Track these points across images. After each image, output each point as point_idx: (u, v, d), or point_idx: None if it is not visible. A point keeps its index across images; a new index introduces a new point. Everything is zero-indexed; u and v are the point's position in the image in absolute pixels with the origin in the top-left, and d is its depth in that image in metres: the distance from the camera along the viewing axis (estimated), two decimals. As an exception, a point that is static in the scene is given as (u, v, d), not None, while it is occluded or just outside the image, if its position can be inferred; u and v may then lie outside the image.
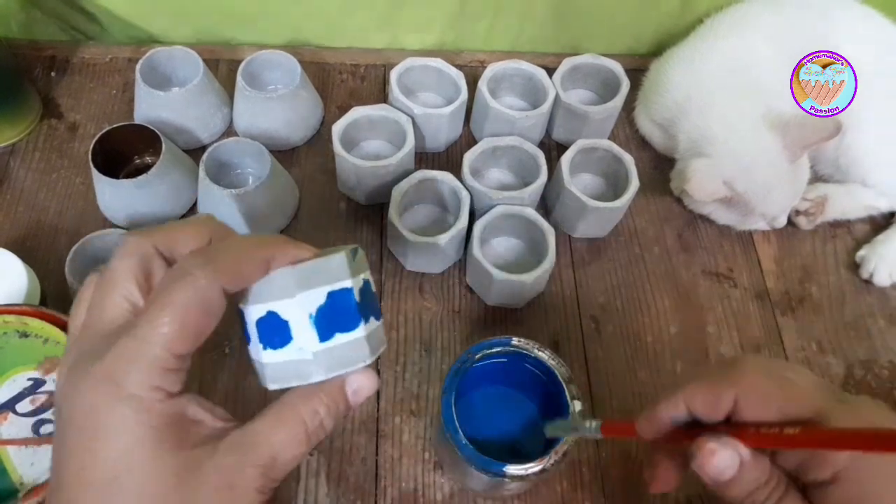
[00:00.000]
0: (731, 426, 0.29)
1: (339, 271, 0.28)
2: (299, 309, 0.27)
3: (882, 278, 0.61)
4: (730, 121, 0.59)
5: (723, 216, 0.62)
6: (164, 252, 0.27)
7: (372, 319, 0.29)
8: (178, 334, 0.24)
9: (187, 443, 0.25)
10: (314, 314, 0.27)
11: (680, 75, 0.63)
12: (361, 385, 0.28)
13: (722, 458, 0.28)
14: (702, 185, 0.57)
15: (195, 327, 0.25)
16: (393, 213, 0.56)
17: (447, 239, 0.55)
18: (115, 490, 0.24)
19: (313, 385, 0.28)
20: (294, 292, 0.27)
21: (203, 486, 0.25)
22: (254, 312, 0.27)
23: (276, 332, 0.27)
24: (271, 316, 0.27)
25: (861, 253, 0.63)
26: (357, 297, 0.28)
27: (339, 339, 0.28)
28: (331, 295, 0.27)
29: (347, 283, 0.28)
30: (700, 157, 0.59)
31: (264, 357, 0.28)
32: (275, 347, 0.27)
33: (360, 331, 0.28)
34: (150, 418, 0.24)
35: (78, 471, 0.24)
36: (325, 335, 0.27)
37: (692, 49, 0.65)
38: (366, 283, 0.29)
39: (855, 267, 0.63)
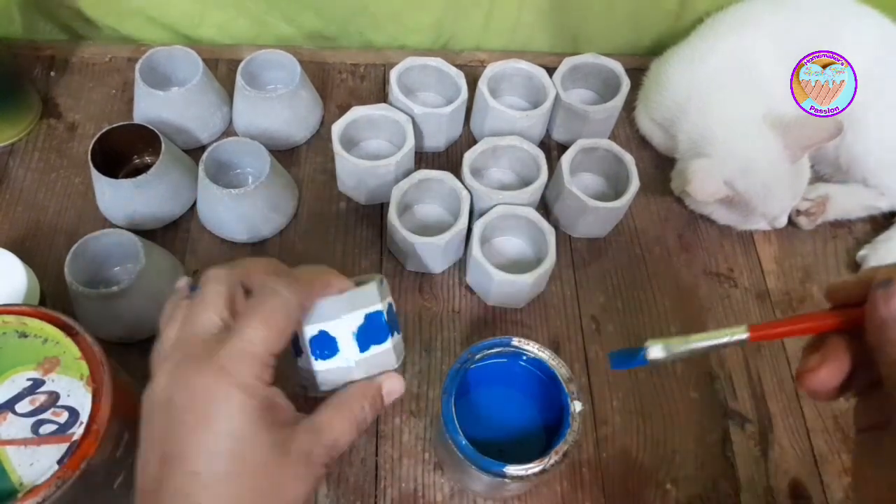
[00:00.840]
0: None
1: (372, 298, 0.36)
2: (345, 328, 0.36)
3: None
4: (730, 121, 0.59)
5: (723, 216, 0.62)
6: (242, 282, 0.35)
7: (395, 334, 0.37)
8: (274, 337, 0.32)
9: (277, 423, 0.32)
10: (355, 331, 0.36)
11: (679, 75, 0.63)
12: (393, 388, 0.37)
13: None
14: (702, 185, 0.57)
15: (284, 331, 0.33)
16: (393, 213, 0.56)
17: (447, 239, 0.55)
18: (230, 458, 0.30)
19: (357, 387, 0.36)
20: (341, 314, 0.35)
21: (290, 457, 0.31)
22: (308, 332, 0.36)
23: (326, 346, 0.36)
24: (323, 334, 0.36)
25: (862, 253, 0.62)
26: (385, 317, 0.36)
27: (374, 350, 0.36)
28: (367, 316, 0.36)
29: (379, 307, 0.36)
30: (700, 157, 0.59)
31: (316, 366, 0.36)
32: (325, 358, 0.36)
33: (389, 343, 0.36)
34: (256, 402, 0.31)
35: (198, 444, 0.30)
36: (363, 347, 0.36)
37: (692, 49, 0.65)
38: (390, 305, 0.38)
39: (856, 267, 0.63)
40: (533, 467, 0.40)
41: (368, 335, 0.36)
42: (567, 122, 0.65)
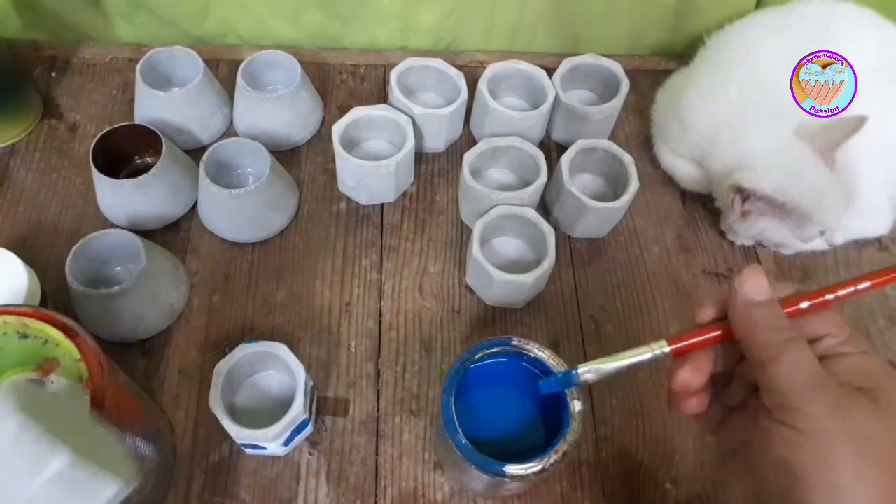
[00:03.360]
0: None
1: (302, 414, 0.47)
2: (274, 442, 0.47)
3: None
4: (765, 145, 0.57)
5: (777, 232, 0.59)
6: None
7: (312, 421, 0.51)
8: None
9: None
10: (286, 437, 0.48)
11: (702, 109, 0.61)
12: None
13: (761, 281, 0.32)
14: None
15: None
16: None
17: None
18: None
19: None
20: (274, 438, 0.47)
21: None
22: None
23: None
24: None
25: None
26: (310, 426, 0.51)
27: (298, 439, 0.50)
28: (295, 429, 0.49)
29: (306, 417, 0.48)
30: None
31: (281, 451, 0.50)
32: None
33: (310, 428, 0.51)
34: None
35: None
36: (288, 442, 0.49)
37: (709, 83, 0.63)
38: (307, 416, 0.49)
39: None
40: (533, 467, 0.40)
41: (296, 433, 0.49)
42: (567, 122, 0.65)
